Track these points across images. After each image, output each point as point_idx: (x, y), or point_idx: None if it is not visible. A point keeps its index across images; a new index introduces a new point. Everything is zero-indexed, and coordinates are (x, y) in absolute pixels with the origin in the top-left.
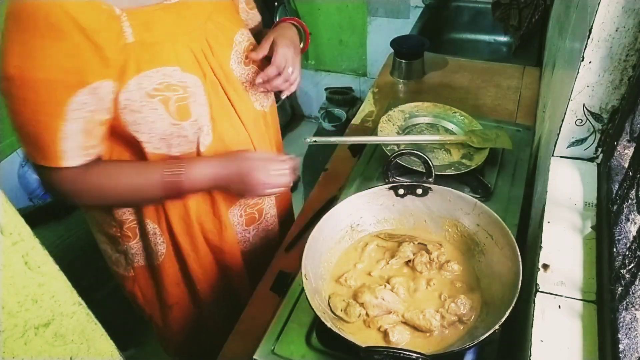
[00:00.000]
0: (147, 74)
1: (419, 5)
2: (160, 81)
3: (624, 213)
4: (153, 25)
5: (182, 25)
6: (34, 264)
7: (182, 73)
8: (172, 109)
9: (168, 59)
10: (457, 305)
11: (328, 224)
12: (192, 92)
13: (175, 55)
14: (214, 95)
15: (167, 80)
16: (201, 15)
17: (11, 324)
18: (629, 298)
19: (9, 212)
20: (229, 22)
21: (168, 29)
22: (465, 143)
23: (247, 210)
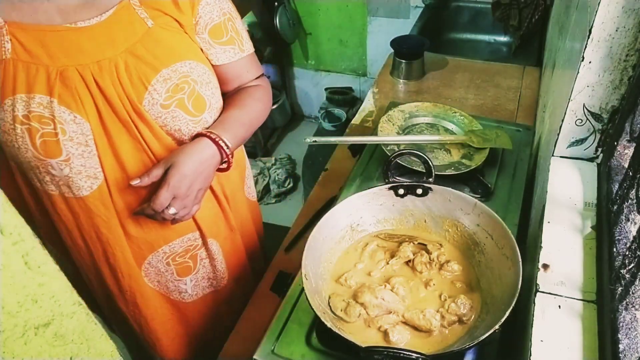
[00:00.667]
0: (21, 97)
1: (419, 5)
2: (31, 109)
3: (624, 213)
4: (39, 47)
5: (84, 53)
6: (34, 264)
7: (58, 106)
8: (38, 143)
9: (46, 87)
10: (457, 305)
11: (328, 224)
12: (67, 129)
13: (56, 85)
14: (106, 136)
15: (38, 110)
16: (115, 45)
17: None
18: (629, 298)
19: (9, 212)
20: (154, 57)
21: (59, 55)
22: (465, 143)
23: (176, 260)
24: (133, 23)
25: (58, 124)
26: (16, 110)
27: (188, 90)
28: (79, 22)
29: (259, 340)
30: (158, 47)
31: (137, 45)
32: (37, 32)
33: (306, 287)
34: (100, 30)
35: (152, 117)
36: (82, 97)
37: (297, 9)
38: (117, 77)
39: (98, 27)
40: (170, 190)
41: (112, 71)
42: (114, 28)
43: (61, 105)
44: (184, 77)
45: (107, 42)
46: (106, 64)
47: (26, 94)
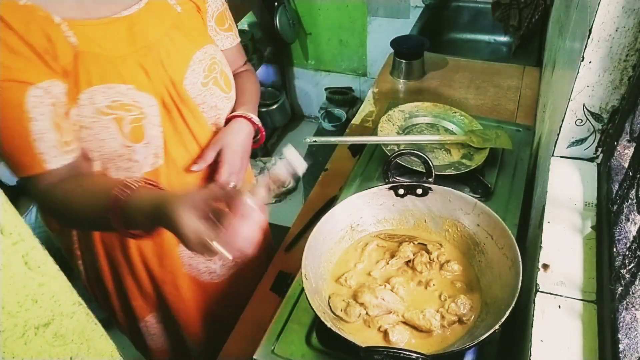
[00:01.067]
0: (98, 89)
1: (419, 5)
2: (113, 99)
3: (624, 213)
4: (100, 39)
5: (134, 40)
6: (34, 264)
7: (136, 92)
8: (126, 130)
9: (120, 76)
10: (457, 305)
11: (328, 224)
12: (147, 113)
13: (128, 72)
14: (167, 116)
15: (120, 98)
16: (155, 31)
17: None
18: (629, 298)
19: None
20: (188, 39)
21: (117, 44)
22: (465, 143)
23: None
24: (166, 9)
25: (141, 108)
26: (97, 102)
27: (218, 70)
28: (122, 12)
29: (259, 340)
30: (188, 31)
31: (172, 30)
32: (92, 25)
33: (306, 287)
34: (140, 17)
35: (192, 96)
36: (150, 80)
37: (297, 9)
38: (161, 60)
39: (137, 14)
40: (229, 167)
41: (155, 55)
42: (151, 14)
43: (140, 90)
44: (212, 58)
45: (147, 28)
46: (151, 48)
47: (103, 84)
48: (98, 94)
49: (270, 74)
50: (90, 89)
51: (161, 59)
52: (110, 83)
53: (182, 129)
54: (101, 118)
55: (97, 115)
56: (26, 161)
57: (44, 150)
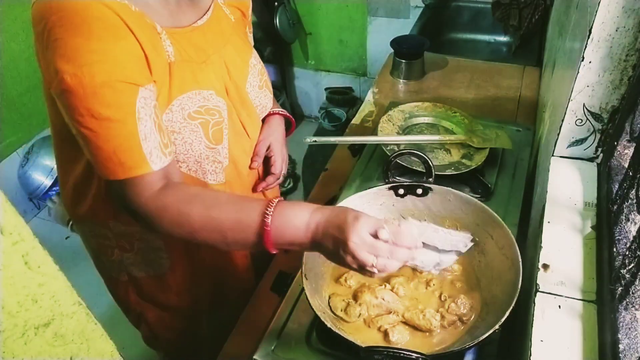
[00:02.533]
0: (188, 95)
1: (419, 5)
2: (200, 104)
3: (624, 213)
4: (189, 47)
5: (207, 48)
6: (34, 264)
7: (216, 97)
8: (210, 133)
9: (204, 82)
10: (457, 305)
11: None
12: (224, 117)
13: (208, 79)
14: (230, 120)
15: (206, 103)
16: (221, 37)
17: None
18: (629, 298)
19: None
20: (245, 46)
21: (198, 52)
22: (465, 143)
23: None
24: (224, 18)
25: (220, 112)
26: (186, 108)
27: (265, 73)
28: (198, 21)
29: (259, 340)
30: (242, 38)
31: (233, 37)
32: (181, 34)
33: (306, 287)
34: (210, 28)
35: (252, 99)
36: (222, 86)
37: (297, 9)
38: (226, 67)
39: (207, 25)
40: (280, 159)
41: (222, 62)
42: (216, 24)
43: (218, 96)
44: (260, 63)
45: (216, 37)
46: (219, 56)
47: (193, 91)
48: (187, 100)
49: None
50: (182, 95)
51: (227, 65)
52: (197, 89)
53: (240, 130)
54: (190, 122)
55: (187, 119)
56: (131, 162)
57: (149, 150)
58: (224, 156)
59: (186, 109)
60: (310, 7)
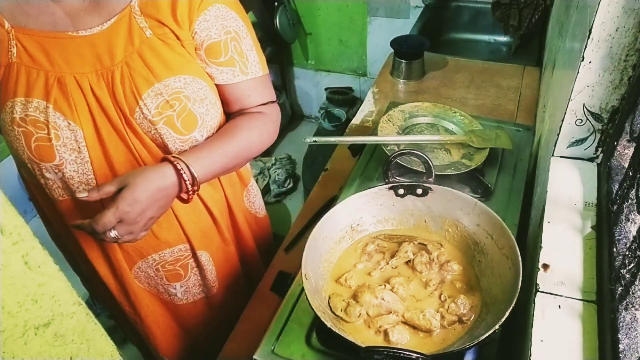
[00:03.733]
0: (20, 100)
1: (419, 5)
2: (27, 112)
3: (624, 213)
4: (41, 53)
5: (83, 61)
6: (34, 264)
7: (53, 112)
8: (32, 147)
9: (43, 93)
10: (457, 305)
11: (328, 224)
12: (60, 135)
13: (53, 91)
14: (100, 145)
15: (34, 114)
16: (116, 55)
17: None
18: (629, 298)
19: (9, 212)
20: (151, 69)
21: (58, 61)
22: (465, 143)
23: (165, 267)
24: (132, 32)
25: (52, 129)
26: (15, 113)
27: (179, 108)
28: (81, 31)
29: (259, 340)
30: (153, 59)
31: (134, 56)
32: (40, 37)
33: (306, 287)
34: (101, 39)
35: (143, 131)
36: (78, 104)
37: (297, 9)
38: (112, 87)
39: (99, 35)
40: (118, 213)
41: (108, 81)
42: (115, 37)
43: (56, 111)
44: (175, 94)
45: (106, 51)
46: (104, 73)
47: (25, 97)
48: (18, 105)
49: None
50: (14, 99)
51: (112, 87)
52: (31, 97)
53: (135, 159)
54: (14, 128)
55: (12, 125)
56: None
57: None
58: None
59: (15, 113)
60: (310, 7)
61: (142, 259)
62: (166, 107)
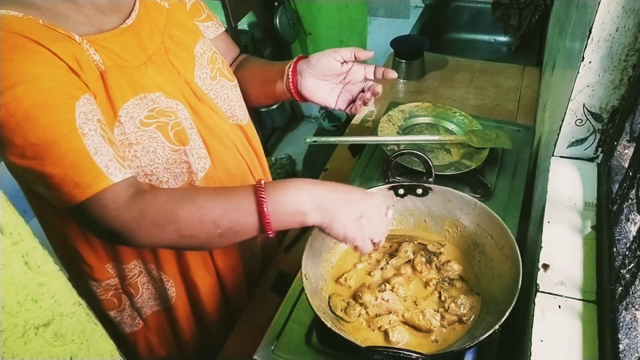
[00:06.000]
0: (133, 102)
1: (419, 5)
2: (150, 107)
3: (624, 213)
4: (119, 51)
5: (144, 47)
6: (34, 264)
7: (166, 99)
8: (172, 135)
9: (147, 85)
10: (457, 305)
11: None
12: (182, 117)
13: (152, 80)
14: (196, 117)
15: (156, 106)
16: (157, 33)
17: (11, 324)
18: (629, 298)
19: (9, 212)
20: (184, 34)
21: (134, 53)
22: (465, 143)
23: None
24: (156, 9)
25: (176, 112)
26: (136, 116)
27: (220, 60)
28: (127, 21)
29: (259, 340)
30: (181, 27)
31: (169, 28)
32: (105, 39)
33: (306, 287)
34: (141, 26)
35: (206, 92)
36: (172, 85)
37: (297, 9)
38: (169, 61)
39: (137, 23)
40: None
41: (165, 58)
42: (147, 20)
43: (167, 97)
44: (209, 50)
45: (151, 31)
46: (159, 52)
47: (136, 96)
48: (134, 107)
49: None
50: (126, 103)
51: (170, 61)
52: (141, 93)
53: (214, 128)
54: (145, 130)
55: (140, 127)
56: (87, 179)
57: (105, 163)
58: (200, 157)
59: (136, 116)
60: (310, 7)
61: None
62: (214, 61)
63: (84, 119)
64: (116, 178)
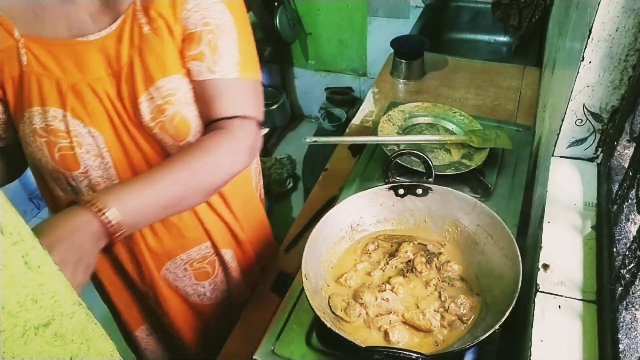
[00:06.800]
0: (37, 110)
1: (419, 5)
2: (47, 122)
3: (624, 213)
4: (52, 62)
5: (94, 66)
6: (34, 264)
7: (72, 119)
8: (56, 156)
9: (59, 101)
10: (457, 305)
11: (328, 224)
12: (82, 142)
13: (71, 99)
14: (121, 148)
15: (53, 124)
16: (123, 56)
17: (11, 324)
18: (629, 298)
19: (9, 212)
20: (147, 68)
21: (70, 67)
22: (465, 143)
23: (194, 265)
24: (134, 31)
25: (74, 137)
26: (34, 123)
27: (171, 112)
28: (90, 35)
29: (259, 340)
30: (151, 57)
31: (135, 56)
32: (51, 45)
33: (306, 287)
34: (110, 41)
35: (148, 133)
36: (95, 109)
37: (297, 9)
38: (120, 91)
39: (108, 38)
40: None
41: (118, 84)
42: (121, 37)
43: (75, 118)
44: (168, 96)
45: (114, 53)
46: (115, 76)
47: (41, 106)
48: (36, 115)
49: (270, 74)
50: (32, 109)
51: (120, 89)
52: (48, 106)
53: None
54: (36, 139)
55: (33, 136)
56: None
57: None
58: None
59: (33, 123)
60: (310, 7)
61: (170, 260)
62: (160, 112)
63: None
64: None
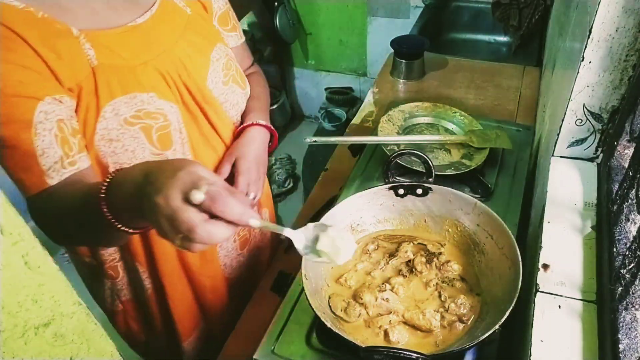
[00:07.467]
0: (121, 100)
1: (419, 5)
2: (138, 108)
3: (624, 213)
4: (118, 49)
5: (151, 47)
6: (34, 264)
7: (158, 100)
8: (155, 138)
9: (141, 85)
10: (457, 305)
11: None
12: (171, 120)
13: (149, 80)
14: (193, 121)
15: (145, 107)
16: (171, 35)
17: (11, 324)
18: (629, 298)
19: (9, 212)
20: (203, 39)
21: (136, 53)
22: (465, 143)
23: (240, 233)
24: (176, 12)
25: (165, 115)
26: (122, 114)
27: (234, 67)
28: (137, 19)
29: (259, 340)
30: (201, 32)
31: (187, 32)
32: (108, 35)
33: (306, 287)
34: (155, 24)
35: (215, 95)
36: (170, 85)
37: (297, 9)
38: (182, 64)
39: (151, 21)
40: (245, 178)
41: (175, 59)
42: (165, 19)
43: (160, 98)
44: (227, 56)
45: (162, 34)
46: (170, 53)
47: (125, 95)
48: (121, 105)
49: (270, 74)
50: (113, 101)
51: (182, 63)
52: (132, 93)
53: (208, 131)
54: (128, 129)
55: (124, 126)
56: (31, 179)
57: (48, 166)
58: None
59: (121, 114)
60: (310, 7)
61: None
62: (228, 67)
63: (42, 118)
64: (53, 181)
